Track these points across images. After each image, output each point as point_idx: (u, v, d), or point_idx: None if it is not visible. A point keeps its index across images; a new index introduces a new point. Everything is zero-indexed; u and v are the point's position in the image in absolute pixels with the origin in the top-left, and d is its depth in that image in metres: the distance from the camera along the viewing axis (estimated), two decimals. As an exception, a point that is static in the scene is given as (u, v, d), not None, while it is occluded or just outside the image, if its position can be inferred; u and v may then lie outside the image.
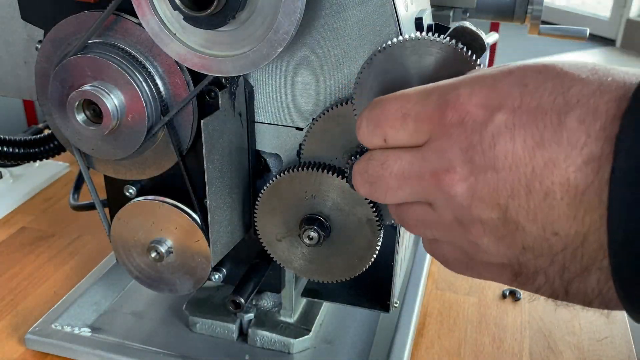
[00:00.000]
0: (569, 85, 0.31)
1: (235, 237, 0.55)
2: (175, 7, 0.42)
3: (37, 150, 0.67)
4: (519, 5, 0.80)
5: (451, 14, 0.81)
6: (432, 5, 0.67)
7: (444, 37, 0.42)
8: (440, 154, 0.34)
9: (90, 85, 0.47)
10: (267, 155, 0.54)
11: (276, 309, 0.64)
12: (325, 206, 0.51)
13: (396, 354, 0.60)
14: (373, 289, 0.59)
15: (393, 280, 0.56)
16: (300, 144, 0.51)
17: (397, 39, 0.42)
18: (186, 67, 0.47)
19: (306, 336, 0.62)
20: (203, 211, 0.53)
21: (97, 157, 0.54)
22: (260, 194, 0.52)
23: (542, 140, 0.31)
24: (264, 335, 0.62)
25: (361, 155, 0.40)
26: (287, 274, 0.60)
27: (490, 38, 0.80)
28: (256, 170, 0.55)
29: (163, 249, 0.55)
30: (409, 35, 0.42)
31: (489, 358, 0.63)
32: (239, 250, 0.56)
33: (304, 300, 0.65)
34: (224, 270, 0.60)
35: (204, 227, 0.53)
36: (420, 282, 0.70)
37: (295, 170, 0.50)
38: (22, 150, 0.66)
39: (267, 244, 0.54)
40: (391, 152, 0.37)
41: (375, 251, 0.52)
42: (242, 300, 0.55)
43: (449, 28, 0.43)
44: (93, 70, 0.48)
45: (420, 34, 0.42)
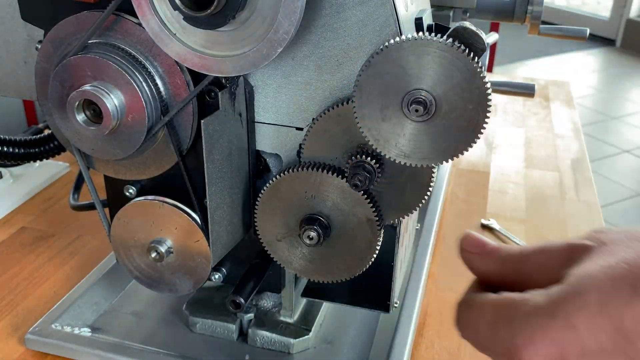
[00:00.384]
0: None
1: (235, 237, 0.55)
2: (175, 7, 0.42)
3: (37, 150, 0.67)
4: (519, 5, 0.80)
5: (451, 14, 0.81)
6: (432, 5, 0.67)
7: (443, 37, 0.42)
8: None
9: (90, 85, 0.47)
10: (267, 155, 0.54)
11: (276, 309, 0.64)
12: (325, 206, 0.51)
13: (396, 354, 0.60)
14: (373, 289, 0.59)
15: (393, 280, 0.56)
16: (300, 144, 0.51)
17: (395, 39, 0.42)
18: (186, 67, 0.47)
19: (306, 336, 0.62)
20: (203, 211, 0.53)
21: (97, 157, 0.54)
22: (260, 194, 0.52)
23: None
24: (264, 335, 0.62)
25: (361, 155, 0.40)
26: (287, 274, 0.60)
27: (490, 38, 0.80)
28: (256, 170, 0.55)
29: (163, 249, 0.55)
30: (407, 36, 0.42)
31: (489, 358, 0.63)
32: (239, 250, 0.56)
33: (304, 300, 0.65)
34: (224, 270, 0.60)
35: (204, 227, 0.53)
36: (420, 282, 0.70)
37: (295, 170, 0.50)
38: (22, 150, 0.66)
39: (267, 244, 0.54)
40: None
41: (375, 251, 0.52)
42: (242, 300, 0.55)
43: (449, 28, 0.43)
44: (93, 70, 0.48)
45: (418, 34, 0.42)
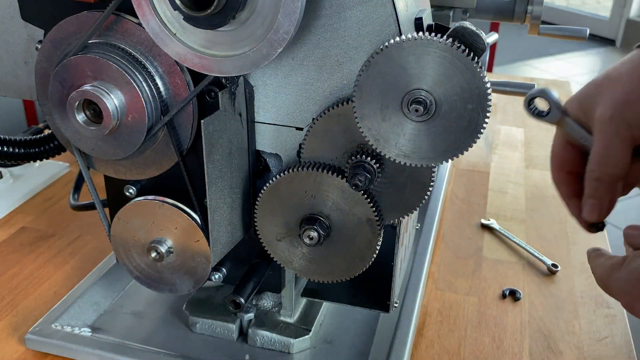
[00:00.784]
0: None
1: (235, 237, 0.55)
2: (175, 7, 0.42)
3: (37, 150, 0.67)
4: (519, 5, 0.80)
5: (451, 14, 0.81)
6: (432, 5, 0.67)
7: (443, 37, 0.42)
8: None
9: (90, 85, 0.47)
10: (267, 155, 0.54)
11: (276, 309, 0.64)
12: (325, 206, 0.51)
13: (396, 354, 0.60)
14: (373, 289, 0.59)
15: (393, 280, 0.56)
16: (300, 144, 0.51)
17: (395, 39, 0.42)
18: (186, 67, 0.47)
19: (306, 336, 0.62)
20: (203, 211, 0.53)
21: (97, 157, 0.54)
22: (260, 194, 0.52)
23: None
24: (264, 335, 0.62)
25: (361, 155, 0.40)
26: (287, 274, 0.60)
27: (490, 38, 0.80)
28: (256, 170, 0.55)
29: (163, 249, 0.55)
30: (407, 36, 0.42)
31: (489, 358, 0.63)
32: (239, 250, 0.56)
33: (304, 300, 0.65)
34: (224, 270, 0.60)
35: (204, 227, 0.53)
36: (420, 282, 0.70)
37: (295, 170, 0.50)
38: (22, 150, 0.66)
39: (267, 244, 0.54)
40: None
41: (375, 251, 0.52)
42: (242, 300, 0.55)
43: (449, 28, 0.43)
44: (93, 70, 0.48)
45: (418, 34, 0.42)
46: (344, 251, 0.52)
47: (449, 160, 0.45)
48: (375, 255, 0.52)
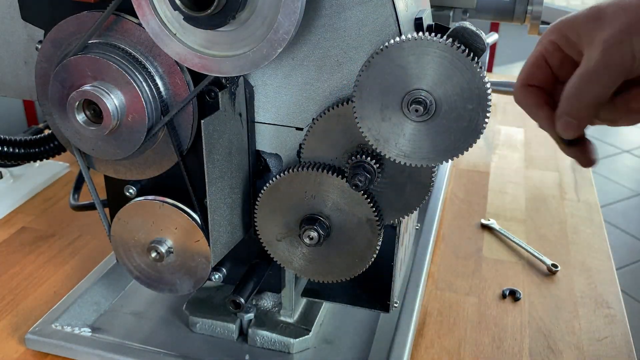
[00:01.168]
0: None
1: (235, 237, 0.55)
2: (175, 8, 0.42)
3: (37, 150, 0.67)
4: (519, 5, 0.81)
5: (451, 14, 0.81)
6: (432, 5, 0.67)
7: (443, 37, 0.42)
8: None
9: (90, 85, 0.47)
10: (267, 155, 0.54)
11: (276, 309, 0.64)
12: (325, 206, 0.51)
13: (396, 354, 0.60)
14: (373, 289, 0.59)
15: (393, 280, 0.56)
16: (300, 144, 0.51)
17: (395, 39, 0.42)
18: (186, 67, 0.47)
19: (306, 336, 0.62)
20: (203, 211, 0.53)
21: (97, 157, 0.54)
22: (260, 194, 0.52)
23: None
24: (264, 335, 0.62)
25: (361, 155, 0.40)
26: (287, 274, 0.60)
27: (490, 38, 0.80)
28: (256, 170, 0.55)
29: (163, 249, 0.55)
30: (407, 36, 0.42)
31: (489, 358, 0.63)
32: (239, 250, 0.56)
33: (304, 300, 0.65)
34: (224, 270, 0.60)
35: (204, 227, 0.53)
36: (420, 282, 0.70)
37: (295, 170, 0.50)
38: (22, 150, 0.66)
39: (267, 244, 0.54)
40: None
41: (375, 251, 0.52)
42: (242, 300, 0.55)
43: (449, 28, 0.43)
44: (93, 70, 0.48)
45: (418, 34, 0.42)
46: (344, 251, 0.52)
47: (449, 160, 0.45)
48: (375, 255, 0.52)
